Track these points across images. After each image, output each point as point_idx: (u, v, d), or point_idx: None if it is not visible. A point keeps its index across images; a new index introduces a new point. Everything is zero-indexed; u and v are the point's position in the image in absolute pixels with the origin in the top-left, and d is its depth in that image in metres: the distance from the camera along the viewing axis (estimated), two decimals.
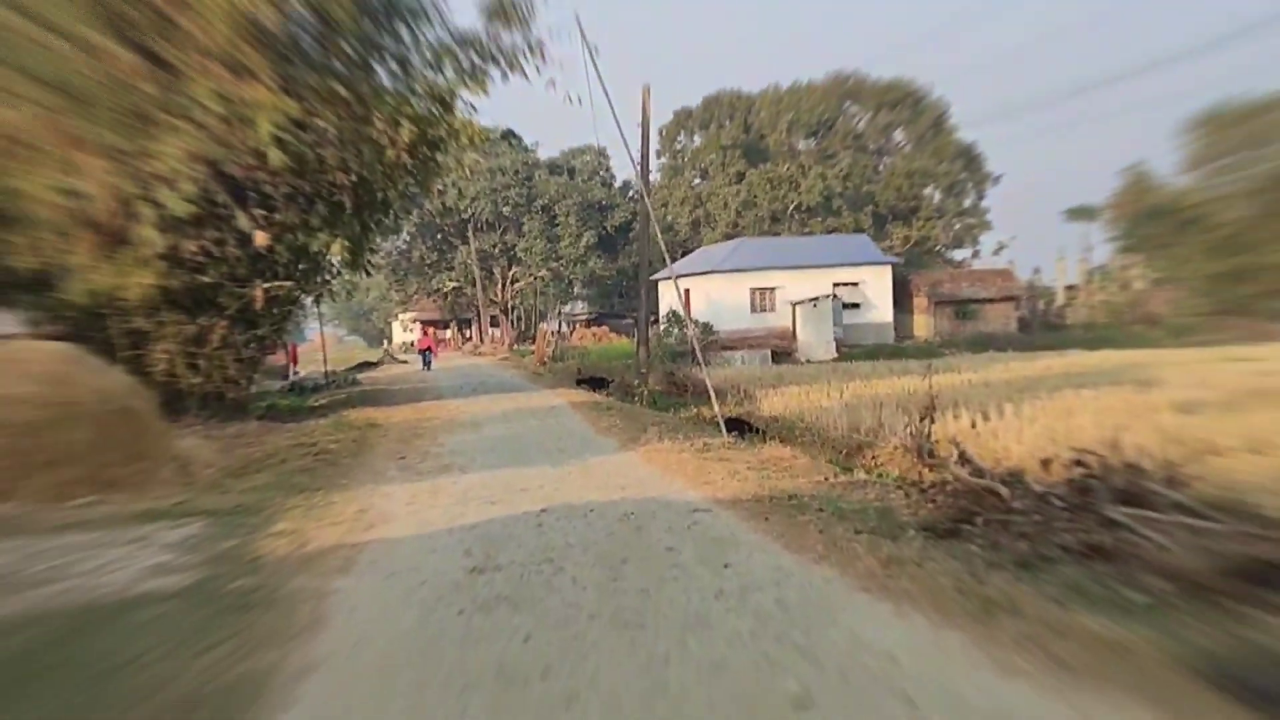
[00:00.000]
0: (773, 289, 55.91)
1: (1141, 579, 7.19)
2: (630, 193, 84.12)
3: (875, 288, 57.99)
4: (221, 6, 18.34)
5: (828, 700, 5.44)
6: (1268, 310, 52.42)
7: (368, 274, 27.77)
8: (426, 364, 50.67)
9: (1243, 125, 53.42)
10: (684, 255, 72.13)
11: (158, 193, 19.88)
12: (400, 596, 7.77)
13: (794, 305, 53.52)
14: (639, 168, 37.51)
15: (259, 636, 6.89)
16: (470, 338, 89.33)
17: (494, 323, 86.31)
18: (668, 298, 59.36)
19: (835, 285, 55.69)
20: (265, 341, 24.74)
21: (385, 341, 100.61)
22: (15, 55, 17.05)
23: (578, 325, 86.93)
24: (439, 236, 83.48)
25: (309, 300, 25.84)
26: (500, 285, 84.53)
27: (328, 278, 25.75)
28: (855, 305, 56.60)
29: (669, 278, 58.25)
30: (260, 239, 22.01)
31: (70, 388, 14.42)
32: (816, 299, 52.99)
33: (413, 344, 75.09)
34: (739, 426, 23.32)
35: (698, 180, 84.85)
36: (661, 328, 53.52)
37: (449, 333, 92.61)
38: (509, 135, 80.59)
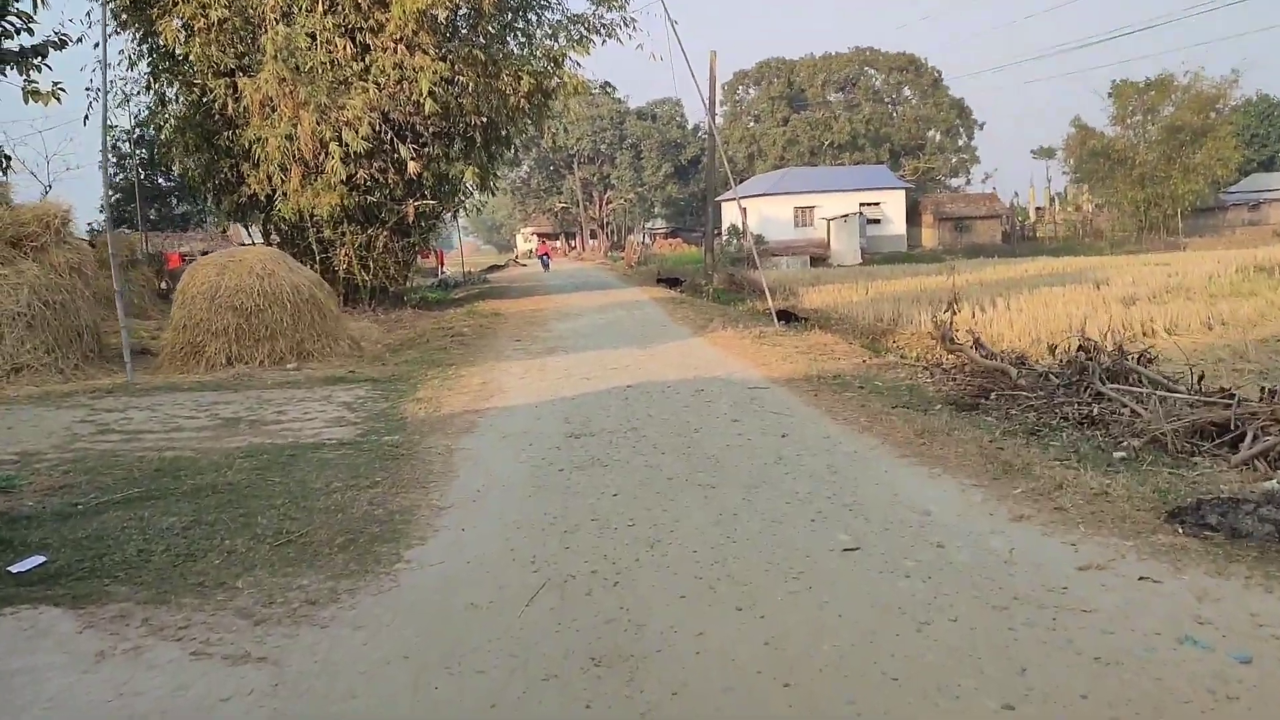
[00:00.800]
0: (812, 208, 54.08)
1: (1123, 440, 6.64)
2: (700, 133, 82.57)
3: (892, 207, 55.86)
4: (412, 6, 19.90)
5: (872, 545, 4.72)
6: (1172, 228, 55.60)
7: (493, 194, 27.00)
8: (545, 266, 49.17)
9: (1143, 94, 57.99)
10: (741, 182, 70.22)
11: (344, 134, 20.08)
12: (513, 455, 7.14)
13: (828, 221, 51.70)
14: (709, 113, 36.38)
15: (406, 480, 6.38)
16: (574, 247, 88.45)
17: (592, 235, 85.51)
18: (729, 215, 57.77)
19: (861, 205, 53.69)
20: (415, 247, 24.21)
21: (513, 250, 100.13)
22: (285, 54, 19.49)
23: (657, 237, 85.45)
24: (551, 168, 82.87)
25: (449, 215, 25.13)
26: (597, 206, 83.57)
27: (462, 198, 25.03)
28: (876, 221, 54.62)
29: (730, 199, 56.83)
30: (413, 167, 21.38)
31: (274, 281, 13.99)
32: (846, 216, 51.14)
33: (532, 251, 74.77)
34: (787, 317, 22.34)
35: (752, 124, 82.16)
36: (723, 239, 52.06)
37: (558, 243, 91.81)
38: (606, 86, 78.91)
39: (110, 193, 50.05)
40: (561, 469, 6.61)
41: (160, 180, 43.12)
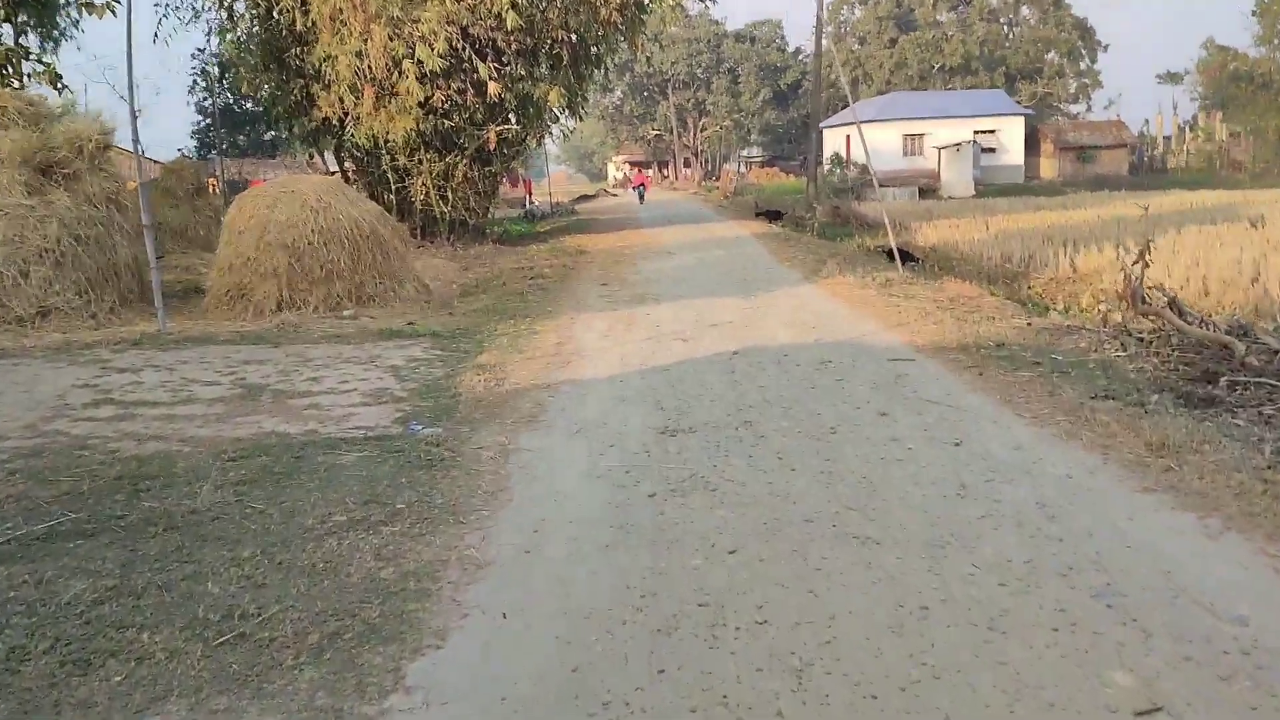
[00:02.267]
0: (921, 135, 50.32)
1: None
2: (801, 56, 78.70)
3: (1009, 135, 51.60)
4: None
5: (1177, 696, 2.75)
6: None
7: (581, 119, 24.93)
8: (641, 198, 44.69)
9: None
10: (844, 109, 66.44)
11: (418, 51, 18.34)
12: (587, 463, 5.28)
13: (939, 149, 48.00)
14: (817, 24, 33.62)
15: (438, 509, 4.54)
16: (667, 175, 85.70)
17: (686, 164, 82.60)
18: (831, 142, 54.47)
19: (975, 132, 49.74)
20: (497, 176, 22.39)
21: (605, 179, 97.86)
22: None
23: (753, 166, 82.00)
24: (644, 93, 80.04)
25: (534, 141, 23.18)
26: (692, 133, 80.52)
27: (549, 122, 23.01)
28: (991, 150, 50.58)
29: (834, 125, 53.53)
30: (493, 88, 19.49)
31: (331, 216, 12.35)
32: (959, 144, 47.36)
33: (626, 179, 72.31)
34: (903, 256, 20.05)
35: (856, 46, 77.48)
36: (825, 168, 49.00)
37: (650, 172, 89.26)
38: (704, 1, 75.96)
39: (201, 118, 49.14)
40: (653, 493, 4.72)
41: (250, 105, 42.23)
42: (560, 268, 16.18)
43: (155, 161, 24.85)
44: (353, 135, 19.75)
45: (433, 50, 17.81)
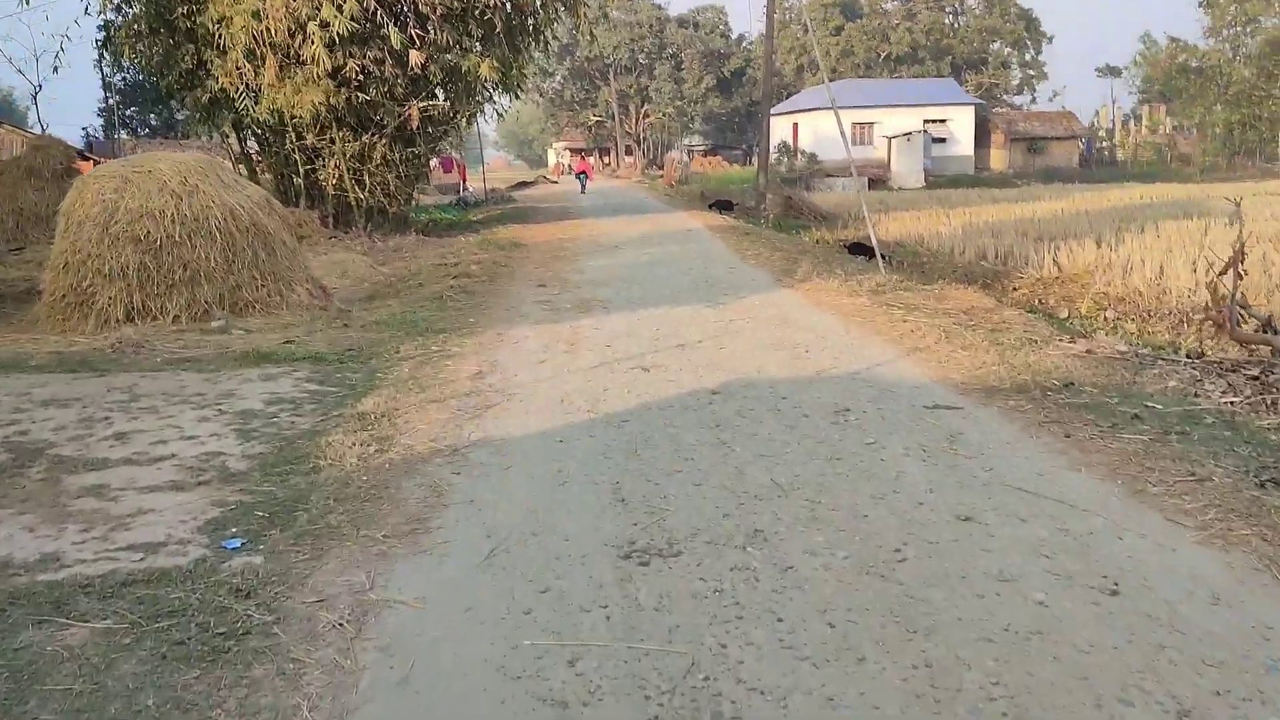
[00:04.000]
0: (870, 124, 48.63)
1: None
2: (745, 44, 77.02)
3: (959, 125, 50.22)
4: None
5: None
6: (1266, 153, 50.94)
7: (517, 97, 22.48)
8: (582, 187, 41.92)
9: (1240, 4, 52.83)
10: (788, 97, 64.71)
11: (324, 12, 15.69)
12: (503, 642, 3.06)
13: (889, 139, 46.37)
14: (768, 11, 31.64)
15: None
16: (609, 163, 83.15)
17: (628, 151, 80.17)
18: (778, 131, 52.56)
19: (925, 122, 48.29)
20: (422, 159, 19.87)
21: (546, 165, 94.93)
22: None
23: (696, 154, 79.96)
24: (585, 79, 77.45)
25: (464, 121, 20.66)
26: (634, 120, 78.16)
27: (480, 100, 20.51)
28: (941, 140, 49.10)
29: (781, 113, 51.65)
30: (415, 57, 17.01)
31: (199, 202, 9.91)
32: (910, 134, 45.76)
33: (566, 167, 69.62)
34: (864, 251, 18.16)
35: (802, 33, 75.78)
36: (773, 157, 47.09)
37: (591, 159, 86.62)
38: None
39: (106, 94, 45.59)
40: None
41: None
42: (490, 264, 13.84)
43: (21, 132, 21.90)
44: (250, 110, 17.10)
45: (341, 11, 15.32)
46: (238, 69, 16.65)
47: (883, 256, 17.62)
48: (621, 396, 6.12)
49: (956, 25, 74.82)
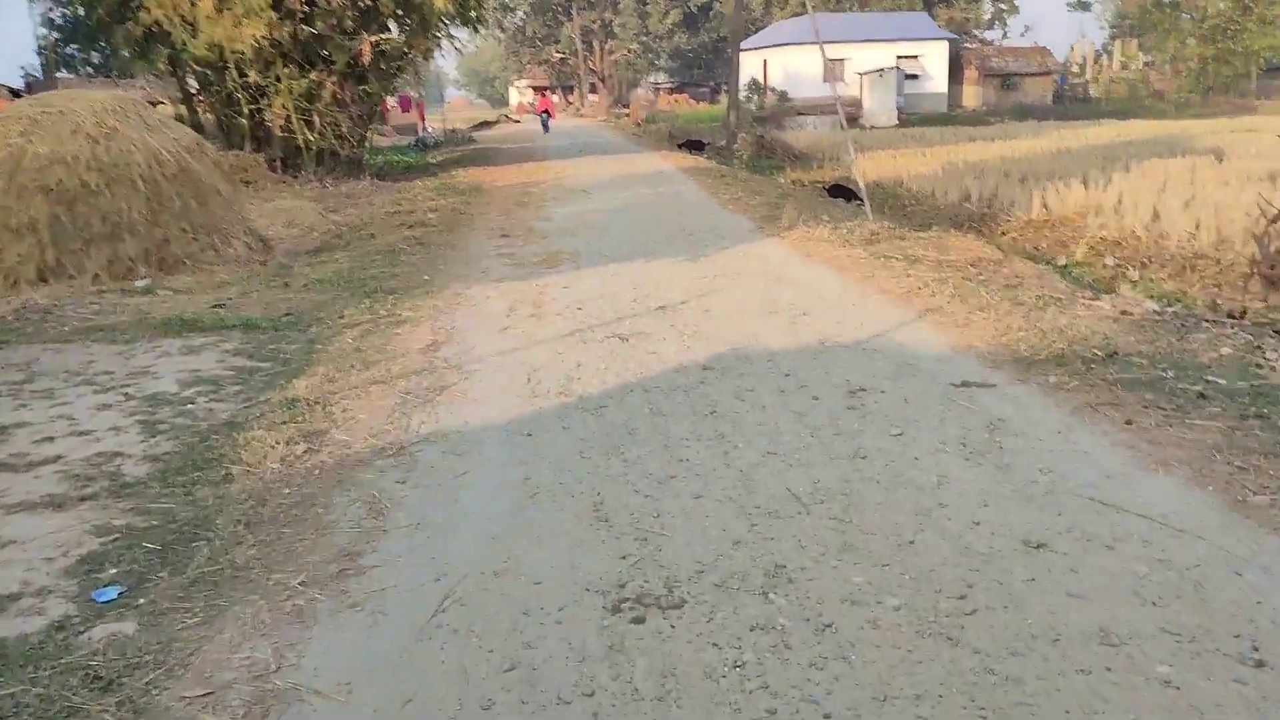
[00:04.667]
0: (842, 60, 47.31)
1: None
2: None
3: (932, 61, 48.97)
4: None
5: None
6: (1240, 88, 48.90)
7: (476, 30, 21.14)
8: (545, 127, 38.70)
9: None
10: (757, 32, 62.97)
11: None
12: None
13: (861, 75, 45.05)
14: None
15: None
16: (572, 102, 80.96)
17: (593, 89, 78.03)
18: (747, 67, 51.09)
19: (898, 58, 47.07)
20: (375, 98, 18.58)
21: (508, 105, 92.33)
22: None
23: (662, 92, 78.08)
24: (548, 14, 74.95)
25: (419, 57, 19.30)
26: (598, 57, 75.99)
27: (437, 34, 19.17)
28: (914, 76, 47.85)
29: (751, 49, 50.13)
30: None
31: (118, 146, 8.83)
32: (882, 70, 44.51)
33: (530, 105, 67.32)
34: (844, 193, 17.32)
35: None
36: (742, 95, 45.81)
37: (555, 97, 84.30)
38: None
39: (44, 31, 43.42)
40: None
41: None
42: (449, 212, 12.82)
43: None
44: (188, 45, 15.73)
45: None
46: (172, 2, 15.27)
47: (847, 195, 16.84)
48: (598, 374, 5.27)
49: None
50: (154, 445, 4.37)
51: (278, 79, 16.63)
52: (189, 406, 4.95)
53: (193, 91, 18.09)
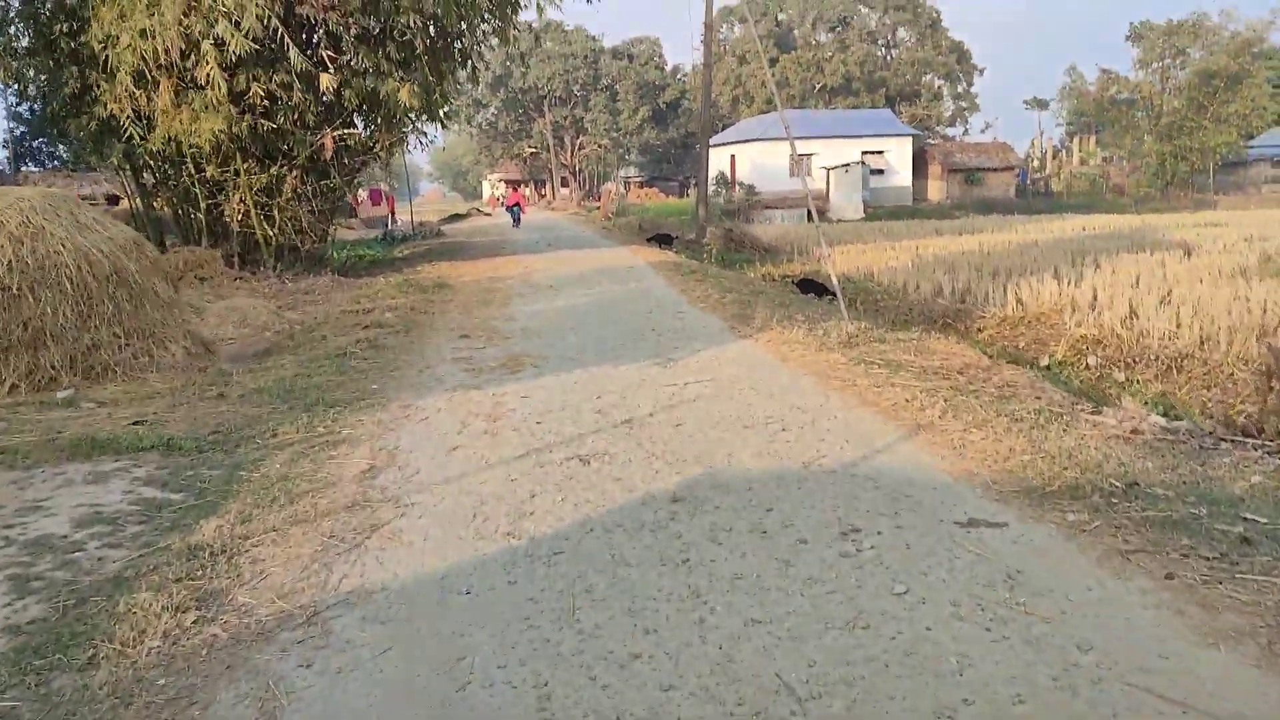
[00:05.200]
0: (809, 155, 47.98)
1: None
2: (680, 75, 76.70)
3: (897, 156, 49.77)
4: None
5: None
6: (1198, 184, 50.48)
7: (444, 125, 20.89)
8: (516, 220, 35.94)
9: (1170, 38, 53.65)
10: (725, 129, 64.08)
11: (220, 28, 13.86)
12: None
13: (828, 170, 45.60)
14: (705, 45, 30.64)
15: None
16: (544, 195, 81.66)
17: (564, 183, 78.81)
18: (715, 162, 51.69)
19: (863, 153, 47.77)
20: (337, 192, 18.14)
21: (481, 197, 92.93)
22: None
23: (632, 186, 78.97)
24: (520, 110, 76.04)
25: (382, 152, 18.92)
26: (569, 151, 76.94)
27: (403, 128, 18.88)
28: (880, 171, 48.57)
29: (719, 145, 50.79)
30: (326, 81, 15.39)
31: (45, 247, 8.22)
32: (848, 165, 45.08)
33: (501, 198, 67.25)
34: (814, 288, 17.00)
35: (736, 65, 75.44)
36: (711, 189, 46.19)
37: (527, 191, 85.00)
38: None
39: (11, 124, 43.01)
40: None
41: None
42: (408, 311, 12.24)
43: None
44: (141, 139, 15.25)
45: (239, 29, 13.65)
46: (128, 93, 14.84)
47: (818, 290, 16.51)
48: (554, 506, 4.62)
49: (889, 57, 75.32)
50: (20, 610, 3.64)
51: (236, 173, 16.18)
52: (76, 555, 4.22)
53: (149, 186, 17.57)
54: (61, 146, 46.88)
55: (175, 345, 8.98)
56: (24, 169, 45.06)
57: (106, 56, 14.69)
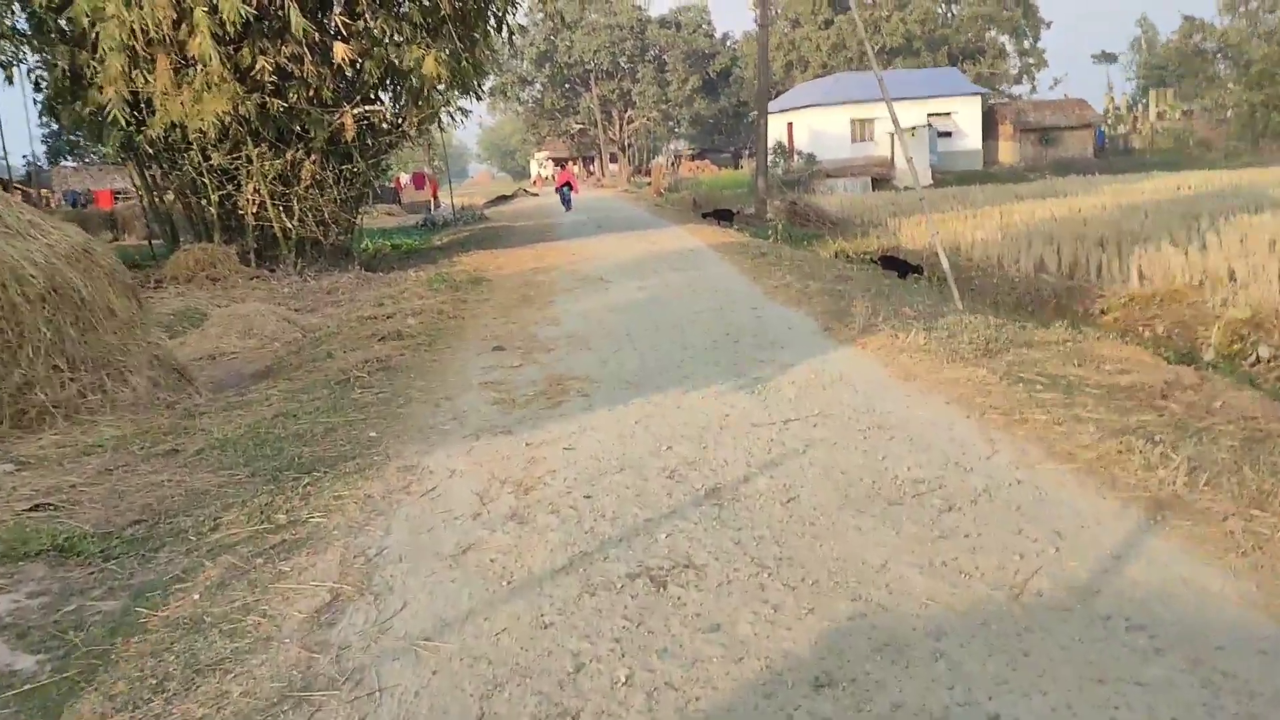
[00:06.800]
0: (871, 120, 45.30)
1: None
2: (730, 43, 73.92)
3: (965, 117, 46.82)
4: None
5: None
6: None
7: (477, 98, 19.00)
8: (566, 203, 30.06)
9: None
10: (779, 95, 61.40)
11: None
12: None
13: (892, 134, 43.14)
14: (762, 3, 28.47)
15: None
16: (593, 172, 79.64)
17: (613, 159, 76.66)
18: (772, 131, 49.20)
19: (929, 115, 44.97)
20: (363, 178, 16.37)
21: (529, 177, 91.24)
22: None
23: (682, 159, 76.62)
24: (566, 86, 74.02)
25: (412, 129, 17.03)
26: (618, 126, 74.76)
27: (435, 104, 16.97)
28: (947, 134, 45.75)
29: (774, 112, 48.27)
30: (341, 51, 13.66)
31: None
32: (914, 128, 42.49)
33: (550, 178, 64.67)
34: (898, 266, 14.95)
35: (789, 29, 72.44)
36: (769, 159, 43.86)
37: (575, 168, 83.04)
38: None
39: (45, 118, 42.48)
40: None
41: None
42: (435, 315, 10.41)
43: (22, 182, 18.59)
44: (124, 124, 13.57)
45: None
46: (121, 73, 13.22)
47: (900, 269, 14.55)
48: (610, 695, 2.74)
49: (951, 14, 71.76)
50: None
51: (248, 160, 14.54)
52: None
53: (155, 178, 16.02)
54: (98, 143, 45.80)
55: (138, 376, 7.26)
56: (60, 164, 44.39)
57: (96, 35, 13.10)
